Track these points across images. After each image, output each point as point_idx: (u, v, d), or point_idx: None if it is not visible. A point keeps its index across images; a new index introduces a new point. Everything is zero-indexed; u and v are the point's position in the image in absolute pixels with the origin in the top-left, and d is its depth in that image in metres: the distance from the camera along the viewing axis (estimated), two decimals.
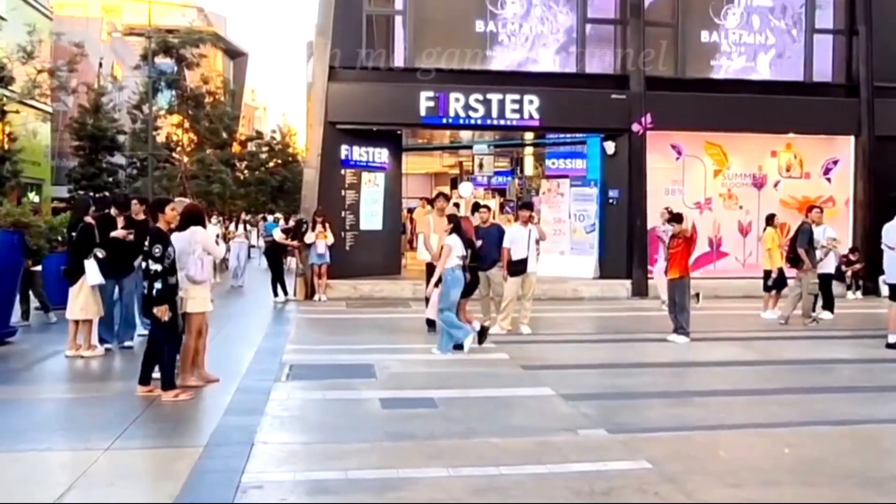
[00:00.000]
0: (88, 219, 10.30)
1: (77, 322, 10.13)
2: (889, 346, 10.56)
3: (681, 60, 18.75)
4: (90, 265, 9.93)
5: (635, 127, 17.88)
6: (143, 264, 8.03)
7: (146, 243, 8.01)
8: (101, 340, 10.49)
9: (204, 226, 8.61)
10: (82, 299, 10.09)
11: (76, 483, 5.65)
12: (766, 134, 18.76)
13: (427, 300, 11.97)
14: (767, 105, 18.21)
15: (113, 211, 10.77)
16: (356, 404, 7.92)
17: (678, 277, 11.54)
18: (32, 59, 18.09)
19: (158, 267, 7.90)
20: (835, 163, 19.36)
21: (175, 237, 8.28)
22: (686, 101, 18.10)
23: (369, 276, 17.62)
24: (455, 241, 10.46)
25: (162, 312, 7.93)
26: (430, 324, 12.14)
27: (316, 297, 16.30)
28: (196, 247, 8.33)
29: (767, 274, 14.54)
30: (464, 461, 6.10)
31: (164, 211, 8.37)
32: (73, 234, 10.39)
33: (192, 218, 8.51)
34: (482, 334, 10.91)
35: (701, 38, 18.94)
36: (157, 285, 7.89)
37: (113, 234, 10.26)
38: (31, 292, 12.87)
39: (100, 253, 10.11)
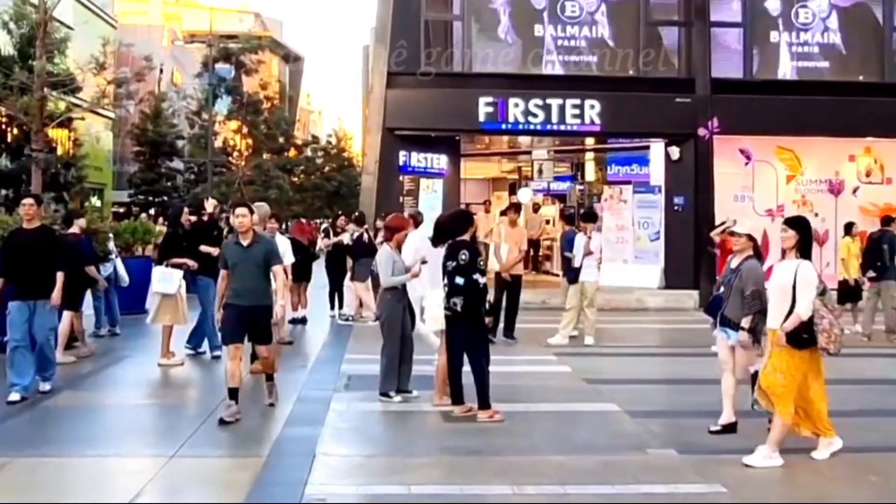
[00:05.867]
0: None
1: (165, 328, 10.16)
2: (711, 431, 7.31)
3: (749, 62, 18.27)
4: (156, 272, 10.03)
5: (701, 131, 17.48)
6: (461, 280, 7.54)
7: (462, 257, 7.55)
8: (212, 347, 10.54)
9: (463, 233, 7.94)
10: (157, 305, 10.20)
11: (144, 489, 5.75)
12: (843, 137, 18.02)
13: (494, 309, 11.85)
14: (844, 107, 17.48)
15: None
16: (417, 417, 7.83)
17: None
18: (104, 70, 18.55)
19: (484, 279, 7.62)
20: None
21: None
22: (755, 103, 17.57)
23: None
24: None
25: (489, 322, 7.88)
26: (508, 332, 11.91)
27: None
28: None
29: (842, 285, 13.96)
30: (528, 479, 5.98)
31: (472, 223, 8.04)
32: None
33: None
34: None
35: (770, 38, 18.43)
36: (458, 301, 7.59)
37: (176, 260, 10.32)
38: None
39: (191, 265, 10.24)
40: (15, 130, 24.95)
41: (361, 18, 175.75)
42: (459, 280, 7.54)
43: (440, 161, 18.73)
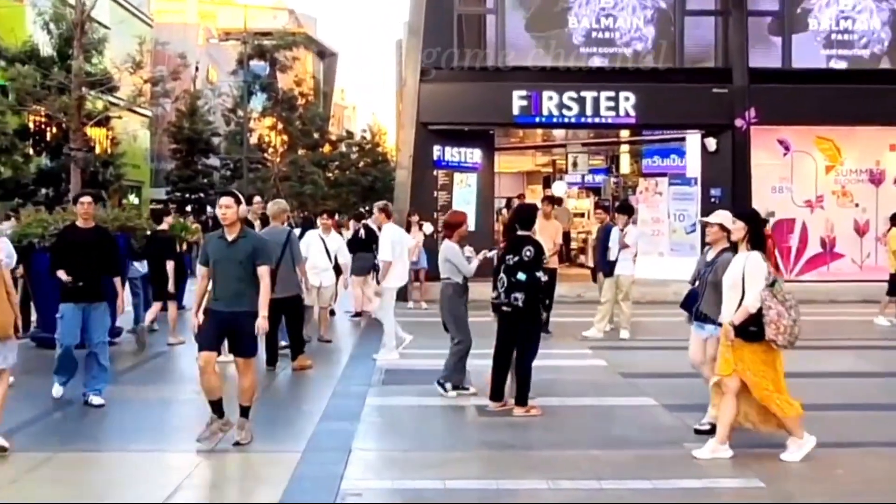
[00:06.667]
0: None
1: None
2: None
3: (788, 51, 17.97)
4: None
5: (738, 122, 17.27)
6: (523, 275, 7.49)
7: (527, 253, 7.49)
8: None
9: (529, 228, 7.87)
10: None
11: (183, 484, 5.83)
12: (884, 126, 17.63)
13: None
14: (884, 95, 17.05)
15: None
16: (452, 411, 7.85)
17: None
18: (140, 69, 18.85)
19: (523, 277, 7.54)
20: None
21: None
22: (794, 93, 17.24)
23: None
24: None
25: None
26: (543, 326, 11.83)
27: (409, 304, 16.04)
28: None
29: (893, 277, 13.66)
30: (563, 473, 5.97)
31: (535, 218, 8.10)
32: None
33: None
34: None
35: (809, 25, 18.13)
36: (520, 296, 7.53)
37: None
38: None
39: None
40: (54, 130, 25.42)
41: (395, 13, 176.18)
42: (522, 276, 7.49)
43: (474, 155, 18.69)
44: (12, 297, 6.58)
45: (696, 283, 7.01)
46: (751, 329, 6.09)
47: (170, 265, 11.18)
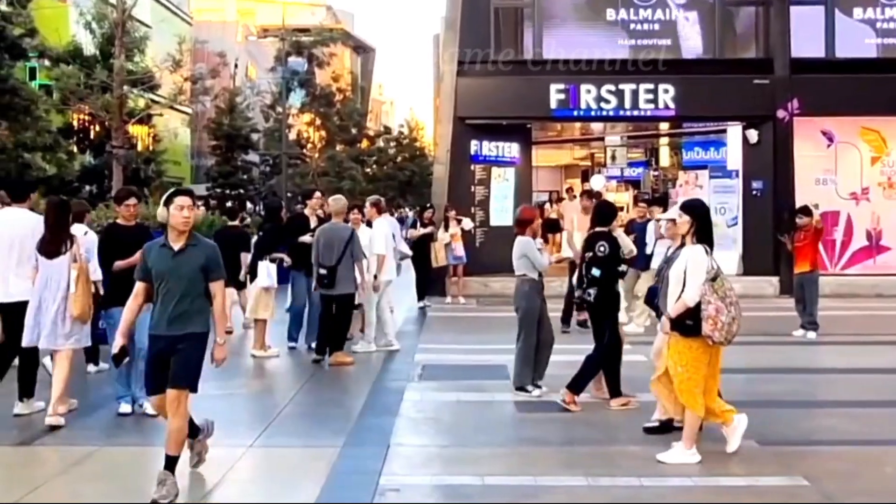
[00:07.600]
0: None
1: (256, 321, 10.35)
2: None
3: (831, 40, 17.61)
4: (262, 266, 10.19)
5: (780, 113, 16.96)
6: (598, 271, 7.57)
7: (601, 249, 7.56)
8: (290, 338, 10.71)
9: (606, 224, 7.86)
10: (253, 300, 10.42)
11: (223, 479, 5.88)
12: None
13: (567, 300, 11.71)
14: None
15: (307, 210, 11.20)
16: (490, 407, 7.82)
17: (808, 271, 11.43)
18: (180, 68, 19.13)
19: (597, 273, 7.53)
20: None
21: None
22: (838, 83, 16.87)
23: (500, 274, 17.38)
24: None
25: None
26: (565, 321, 11.86)
27: (448, 299, 16.07)
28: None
29: None
30: (603, 470, 5.94)
31: (615, 215, 8.03)
32: (261, 233, 10.90)
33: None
34: None
35: (854, 14, 17.73)
36: (592, 291, 7.60)
37: (302, 238, 10.48)
38: None
39: (286, 260, 10.39)
40: (97, 128, 25.90)
41: (432, 8, 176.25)
42: (596, 272, 7.56)
43: (512, 149, 18.61)
44: (89, 286, 7.22)
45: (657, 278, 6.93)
46: (687, 323, 5.99)
47: (246, 257, 11.28)
